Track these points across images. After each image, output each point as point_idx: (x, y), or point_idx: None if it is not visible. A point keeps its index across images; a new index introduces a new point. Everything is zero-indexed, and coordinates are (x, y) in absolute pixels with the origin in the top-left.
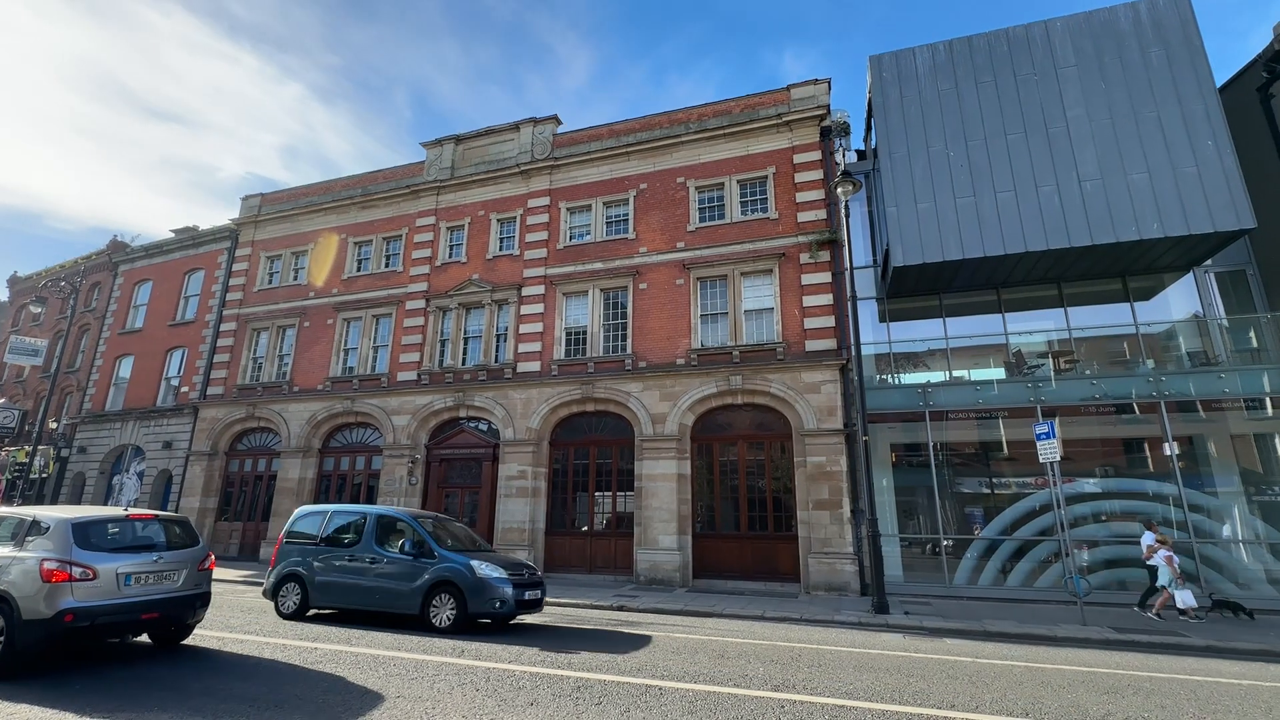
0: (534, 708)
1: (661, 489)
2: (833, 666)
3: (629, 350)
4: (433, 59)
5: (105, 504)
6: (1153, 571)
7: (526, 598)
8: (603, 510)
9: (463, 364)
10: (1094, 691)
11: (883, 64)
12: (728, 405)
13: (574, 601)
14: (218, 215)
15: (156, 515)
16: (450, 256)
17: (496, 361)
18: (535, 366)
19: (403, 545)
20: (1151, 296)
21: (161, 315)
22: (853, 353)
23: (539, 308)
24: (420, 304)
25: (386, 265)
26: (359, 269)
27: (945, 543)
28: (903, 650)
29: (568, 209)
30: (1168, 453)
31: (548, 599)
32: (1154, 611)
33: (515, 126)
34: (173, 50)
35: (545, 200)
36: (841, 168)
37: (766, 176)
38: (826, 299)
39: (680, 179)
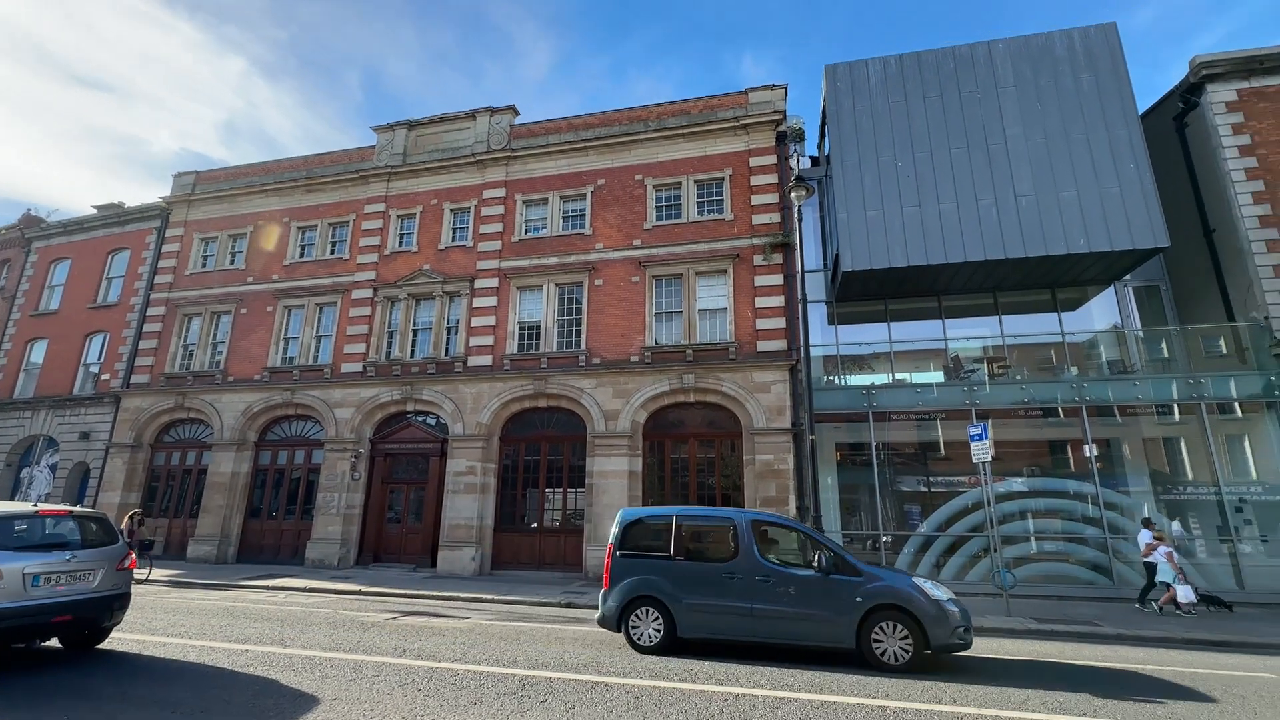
0: (477, 707)
1: (613, 486)
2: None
3: (583, 346)
4: (387, 39)
5: (12, 499)
6: (1150, 568)
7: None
8: (553, 507)
9: (411, 356)
10: (1013, 677)
11: (837, 74)
12: (680, 403)
13: (520, 599)
14: (147, 192)
15: (71, 511)
16: (400, 245)
17: (447, 354)
18: (487, 360)
19: (818, 559)
20: (1077, 307)
21: (81, 297)
22: (802, 354)
23: (492, 301)
24: (367, 293)
25: (332, 252)
26: (302, 255)
27: (885, 538)
28: None
29: (524, 201)
30: (1088, 454)
31: (491, 596)
32: (1159, 606)
33: (471, 115)
34: (99, 12)
35: (501, 192)
36: (795, 173)
37: (723, 178)
38: (778, 301)
39: (638, 176)
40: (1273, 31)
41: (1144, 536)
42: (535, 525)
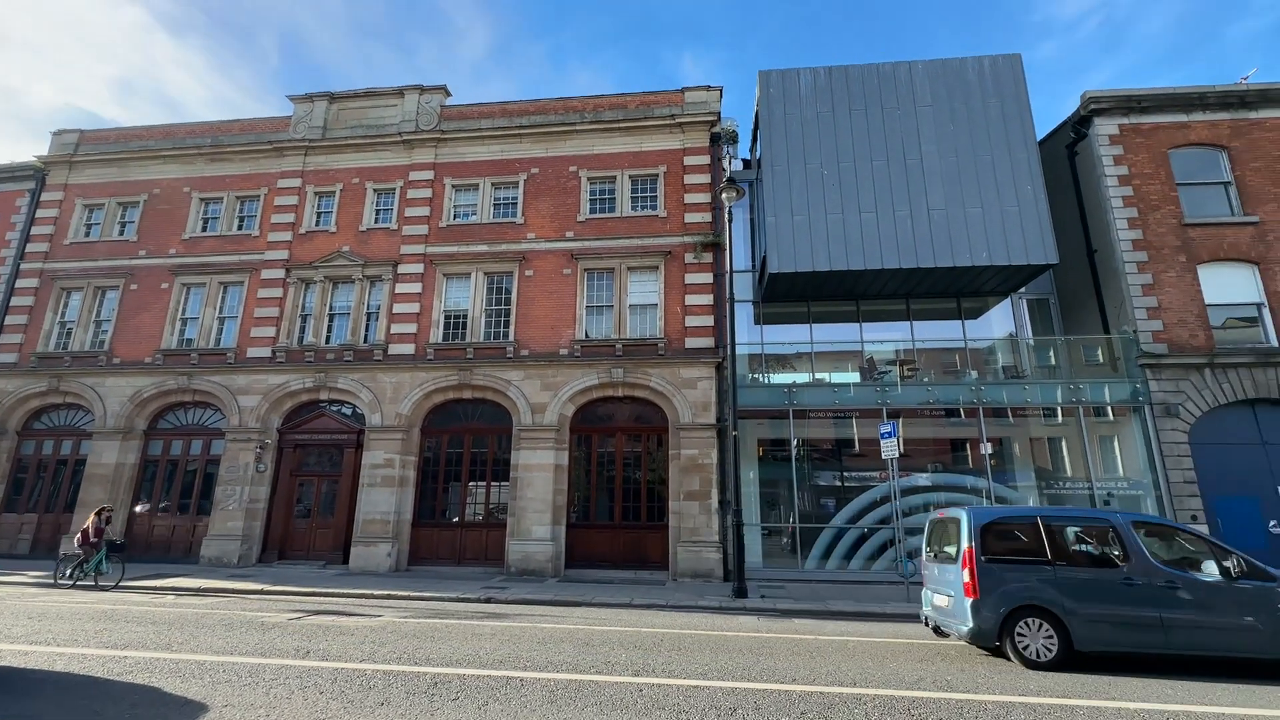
0: (385, 707)
1: (538, 479)
2: (692, 649)
3: (511, 338)
4: (309, 3)
5: None
6: None
7: None
8: (476, 501)
9: (326, 342)
10: (912, 660)
11: (770, 80)
12: (609, 397)
13: (438, 595)
14: (20, 149)
15: None
16: (318, 224)
17: (366, 342)
18: (409, 349)
19: (1236, 563)
20: (979, 316)
21: None
22: (729, 352)
23: (416, 287)
24: (279, 274)
25: (239, 228)
26: (205, 229)
27: (801, 530)
28: (756, 631)
29: (453, 186)
30: (984, 452)
31: (406, 593)
32: None
33: (399, 92)
34: None
35: (429, 174)
36: (728, 174)
37: (658, 174)
38: (707, 299)
39: (573, 168)
40: (1153, 75)
41: None
42: (457, 520)
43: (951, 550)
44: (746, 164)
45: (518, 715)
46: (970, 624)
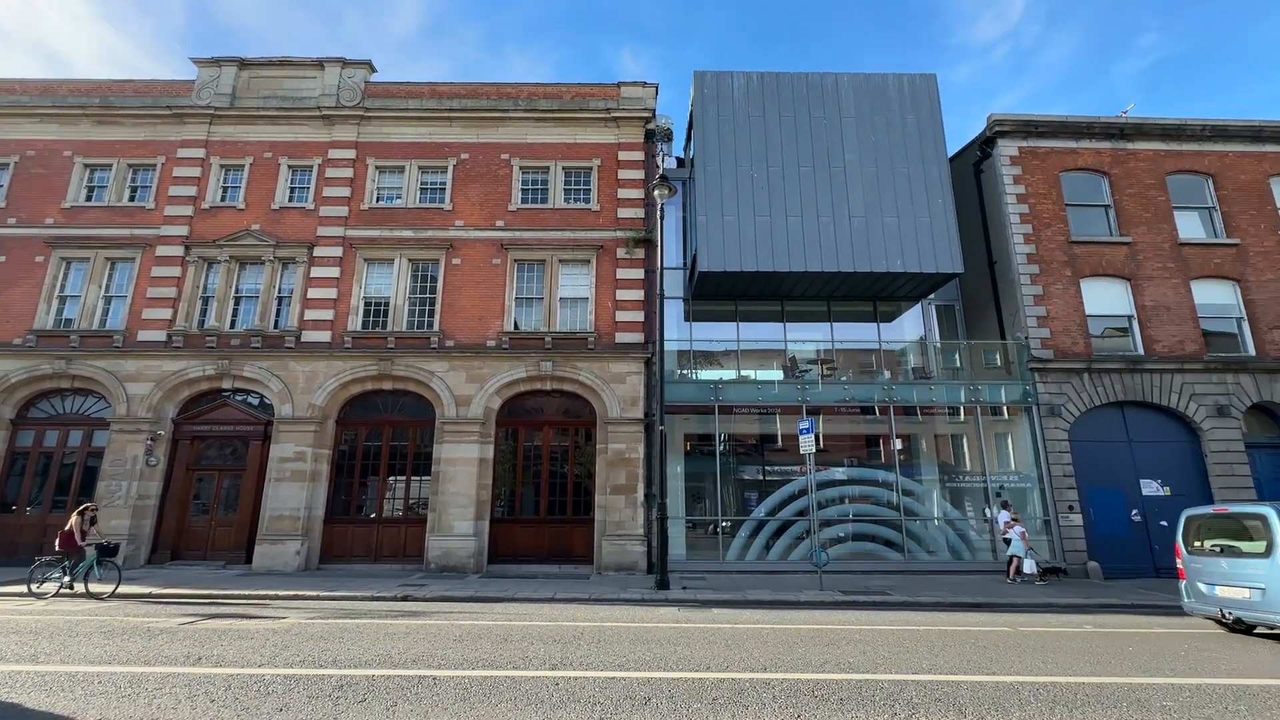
0: (284, 713)
1: (461, 473)
2: (612, 642)
3: (436, 327)
4: None
5: None
6: (1007, 544)
7: None
8: (395, 496)
9: (231, 327)
10: (820, 645)
11: (705, 81)
12: (537, 390)
13: (350, 594)
14: None
15: None
16: (224, 200)
17: (276, 327)
18: (325, 336)
19: None
20: (893, 319)
21: None
22: (658, 347)
23: (334, 271)
24: (177, 251)
25: (132, 199)
26: (90, 198)
27: (724, 523)
28: (676, 622)
29: (377, 167)
30: (894, 448)
31: (315, 593)
32: (1009, 577)
33: (319, 64)
34: None
35: (350, 153)
36: (660, 171)
37: (591, 168)
38: (638, 294)
39: (505, 155)
40: (1051, 102)
41: (1002, 517)
42: (374, 515)
43: (1255, 546)
44: (680, 162)
45: (428, 715)
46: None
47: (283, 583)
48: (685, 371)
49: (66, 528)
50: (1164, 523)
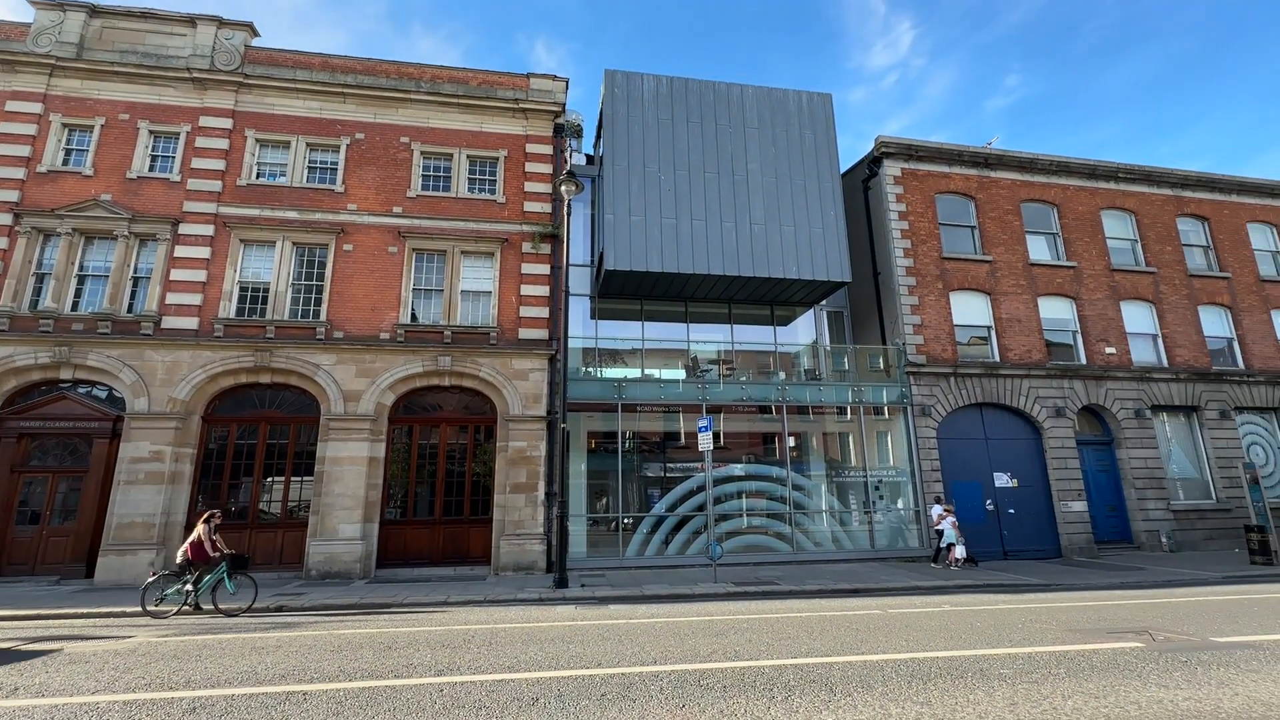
0: None
1: (348, 473)
2: (504, 643)
3: (324, 317)
4: None
5: None
6: (940, 534)
7: None
8: (273, 498)
9: (73, 310)
10: (709, 635)
11: (616, 80)
12: (435, 386)
13: (215, 607)
14: None
15: None
16: (66, 164)
17: (130, 312)
18: (191, 323)
19: None
20: (788, 323)
21: None
22: (562, 344)
23: (204, 252)
24: (4, 219)
25: None
26: None
27: (625, 520)
28: (571, 620)
29: (258, 140)
30: (787, 445)
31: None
32: (947, 564)
33: (191, 20)
34: None
35: (227, 122)
36: (568, 167)
37: (498, 159)
38: (543, 290)
39: (405, 139)
40: (933, 129)
41: (935, 510)
42: (245, 521)
43: None
44: (590, 159)
45: None
46: None
47: (131, 598)
48: (590, 369)
49: (195, 539)
50: (1011, 511)
